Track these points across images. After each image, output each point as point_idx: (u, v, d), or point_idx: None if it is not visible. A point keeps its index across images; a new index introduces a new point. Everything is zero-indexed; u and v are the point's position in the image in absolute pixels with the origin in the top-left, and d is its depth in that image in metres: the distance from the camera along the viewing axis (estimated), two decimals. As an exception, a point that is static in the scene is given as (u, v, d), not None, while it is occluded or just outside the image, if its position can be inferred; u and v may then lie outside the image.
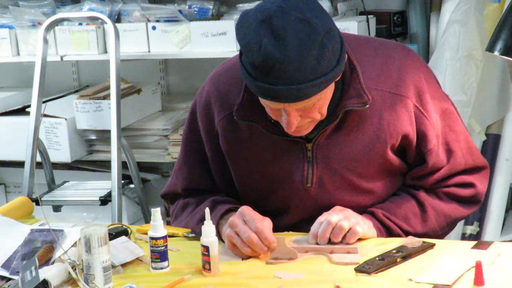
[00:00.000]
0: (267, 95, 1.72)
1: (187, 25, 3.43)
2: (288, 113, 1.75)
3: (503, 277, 1.63)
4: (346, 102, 1.84)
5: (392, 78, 1.89)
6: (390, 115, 1.89)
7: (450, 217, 1.99)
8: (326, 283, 1.66)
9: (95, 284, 1.65)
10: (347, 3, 3.51)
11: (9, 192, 4.32)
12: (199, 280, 1.73)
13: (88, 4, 3.65)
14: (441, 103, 1.97)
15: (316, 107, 1.78)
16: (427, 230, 1.96)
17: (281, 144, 1.92)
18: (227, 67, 2.01)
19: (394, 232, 1.93)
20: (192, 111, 2.05)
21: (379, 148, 1.90)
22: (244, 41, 1.70)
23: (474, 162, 2.01)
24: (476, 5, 3.27)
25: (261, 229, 1.78)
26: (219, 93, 1.97)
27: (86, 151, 3.69)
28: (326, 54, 1.68)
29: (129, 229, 2.00)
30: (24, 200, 2.30)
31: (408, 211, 1.95)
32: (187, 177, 2.08)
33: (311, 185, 1.93)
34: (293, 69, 1.66)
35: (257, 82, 1.71)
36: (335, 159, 1.91)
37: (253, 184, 1.99)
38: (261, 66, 1.67)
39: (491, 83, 3.34)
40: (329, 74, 1.71)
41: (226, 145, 1.98)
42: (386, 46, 1.95)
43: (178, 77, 4.06)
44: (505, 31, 1.83)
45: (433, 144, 1.93)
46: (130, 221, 3.81)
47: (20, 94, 3.98)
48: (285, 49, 1.64)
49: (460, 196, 1.99)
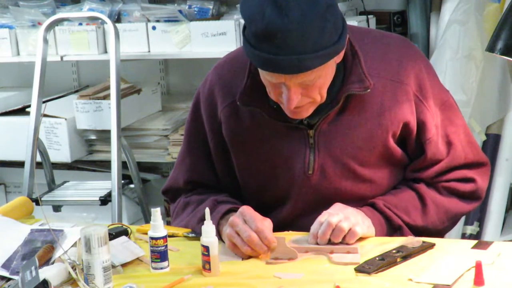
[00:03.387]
0: (269, 66, 1.74)
1: (187, 25, 3.43)
2: (289, 87, 1.77)
3: (503, 277, 1.63)
4: (348, 86, 1.87)
5: (392, 66, 1.92)
6: (391, 102, 1.91)
7: (451, 212, 2.00)
8: (326, 283, 1.66)
9: (95, 284, 1.65)
10: (347, 3, 3.52)
11: (9, 192, 4.33)
12: (199, 280, 1.73)
13: (88, 4, 3.65)
14: (441, 95, 1.98)
15: (316, 86, 1.79)
16: (427, 224, 1.97)
17: (283, 131, 1.93)
18: (230, 57, 2.05)
19: (394, 223, 1.93)
20: (195, 102, 2.07)
21: (381, 135, 1.91)
22: (247, 13, 1.73)
23: (475, 156, 2.02)
24: (476, 5, 3.27)
25: (261, 229, 1.79)
26: (223, 81, 2.00)
27: (86, 151, 3.69)
28: (328, 27, 1.71)
29: (129, 229, 2.00)
30: (24, 200, 2.30)
31: (408, 204, 1.96)
32: (190, 169, 2.09)
33: (312, 172, 1.94)
34: (295, 39, 1.69)
35: (259, 52, 1.73)
36: (337, 145, 1.92)
37: (254, 172, 2.00)
38: (263, 35, 1.70)
39: (491, 83, 3.34)
40: (330, 48, 1.73)
41: (229, 133, 1.99)
42: (386, 37, 2.00)
43: (178, 77, 4.06)
44: (505, 31, 1.83)
45: (432, 133, 1.95)
46: (130, 221, 3.81)
47: (20, 94, 3.98)
48: (287, 18, 1.68)
49: (460, 191, 2.00)
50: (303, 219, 1.94)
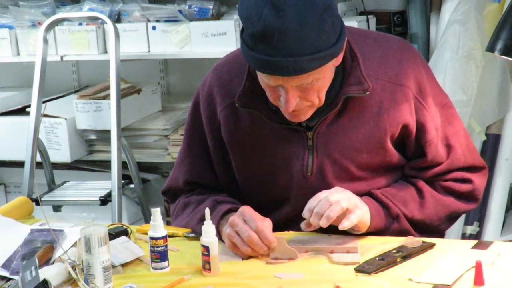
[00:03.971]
0: (266, 67, 1.74)
1: (187, 25, 3.43)
2: (286, 90, 1.77)
3: (503, 277, 1.63)
4: (347, 89, 1.87)
5: (392, 68, 1.92)
6: (390, 105, 1.90)
7: (448, 208, 2.00)
8: (326, 283, 1.66)
9: (95, 284, 1.65)
10: (347, 3, 3.52)
11: (9, 192, 4.32)
12: (199, 280, 1.73)
13: (88, 4, 3.65)
14: (440, 97, 1.99)
15: (314, 89, 1.79)
16: (424, 217, 1.97)
17: (281, 133, 1.93)
18: (230, 58, 2.05)
19: (392, 211, 1.92)
20: (194, 103, 2.07)
21: (379, 137, 1.91)
22: (245, 14, 1.73)
23: (473, 161, 2.02)
24: (476, 5, 3.27)
25: (261, 229, 1.79)
26: (222, 82, 2.00)
27: (86, 151, 3.69)
28: (325, 29, 1.71)
29: (129, 229, 2.00)
30: (24, 200, 2.30)
31: (406, 195, 1.96)
32: (189, 169, 2.09)
33: (311, 174, 1.94)
34: (292, 40, 1.69)
35: (256, 53, 1.73)
36: (336, 147, 1.92)
37: (253, 174, 2.00)
38: (261, 36, 1.70)
39: (491, 83, 3.34)
40: (328, 50, 1.73)
41: (228, 134, 1.99)
42: (385, 39, 2.00)
43: (178, 77, 4.06)
44: (505, 31, 1.83)
45: (432, 135, 1.95)
46: (130, 221, 3.81)
47: (20, 94, 3.98)
48: (284, 19, 1.67)
49: (457, 191, 2.00)
50: (302, 221, 1.93)
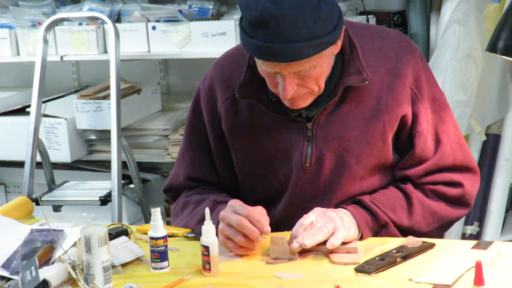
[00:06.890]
0: (263, 54, 1.76)
1: (187, 25, 3.43)
2: (284, 77, 1.79)
3: (503, 277, 1.63)
4: (346, 78, 1.89)
5: (390, 60, 1.94)
6: (389, 95, 1.92)
7: (437, 214, 1.99)
8: (326, 283, 1.66)
9: (95, 284, 1.65)
10: (347, 3, 3.52)
11: (9, 192, 4.32)
12: (199, 280, 1.73)
13: (88, 4, 3.65)
14: (434, 91, 2.00)
15: (312, 77, 1.81)
16: (413, 224, 1.96)
17: (281, 123, 1.95)
18: (230, 53, 2.07)
19: (381, 219, 1.92)
20: (195, 99, 2.09)
21: (378, 128, 1.92)
22: (243, 2, 1.76)
23: (464, 159, 2.01)
24: (476, 5, 3.27)
25: (252, 214, 1.79)
26: (223, 76, 2.02)
27: (86, 151, 3.69)
28: (322, 17, 1.73)
29: (129, 229, 2.00)
30: (24, 200, 2.30)
31: (395, 202, 1.96)
32: (190, 164, 2.09)
33: (309, 164, 1.94)
34: (289, 27, 1.71)
35: (253, 40, 1.75)
36: (335, 138, 1.93)
37: (253, 165, 2.01)
38: (258, 23, 1.72)
39: (491, 83, 3.34)
40: (325, 38, 1.75)
41: (228, 126, 2.00)
42: (384, 31, 2.02)
43: (178, 77, 4.06)
44: (505, 31, 1.83)
45: (423, 127, 1.95)
46: (130, 221, 3.81)
47: (20, 94, 3.98)
48: (281, 6, 1.70)
49: (447, 195, 1.99)
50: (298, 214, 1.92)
